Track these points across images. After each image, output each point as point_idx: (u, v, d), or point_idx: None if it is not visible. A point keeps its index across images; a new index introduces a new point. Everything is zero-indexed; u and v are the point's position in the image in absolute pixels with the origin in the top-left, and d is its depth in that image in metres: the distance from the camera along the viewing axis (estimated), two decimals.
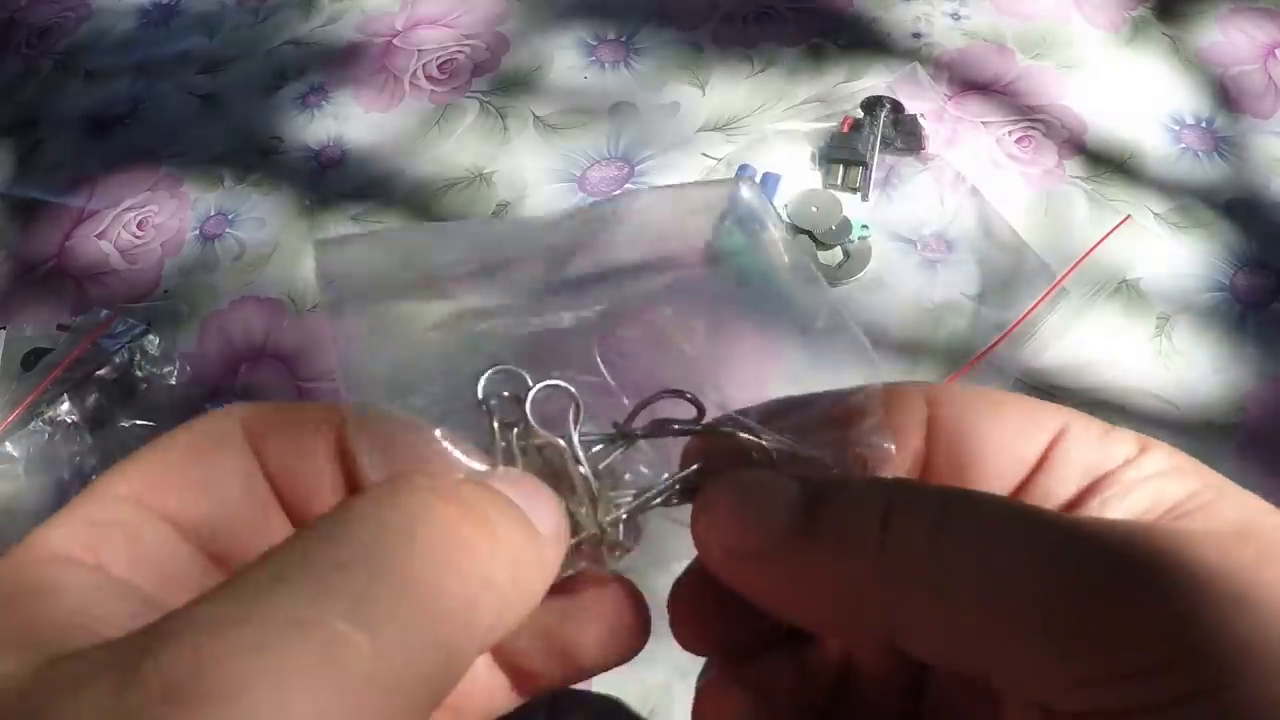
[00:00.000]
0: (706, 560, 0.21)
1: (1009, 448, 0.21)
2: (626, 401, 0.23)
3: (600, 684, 0.47)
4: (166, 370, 0.59)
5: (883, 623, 0.19)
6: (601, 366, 0.22)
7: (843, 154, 0.62)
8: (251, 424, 0.20)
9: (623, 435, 0.22)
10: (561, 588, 0.21)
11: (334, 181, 0.67)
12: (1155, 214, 0.60)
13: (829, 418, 0.21)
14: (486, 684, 0.22)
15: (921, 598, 0.18)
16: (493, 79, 0.70)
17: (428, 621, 0.15)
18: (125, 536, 0.18)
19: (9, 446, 0.56)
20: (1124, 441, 0.21)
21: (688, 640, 0.23)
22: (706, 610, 0.22)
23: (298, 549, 0.15)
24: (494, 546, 0.17)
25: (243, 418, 0.20)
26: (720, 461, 0.22)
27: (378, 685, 0.14)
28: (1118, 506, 0.20)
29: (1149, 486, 0.20)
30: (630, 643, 0.22)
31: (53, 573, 0.17)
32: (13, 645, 0.15)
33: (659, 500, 0.22)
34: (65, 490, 0.55)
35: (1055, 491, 0.21)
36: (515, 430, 0.21)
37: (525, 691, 0.23)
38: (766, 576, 0.20)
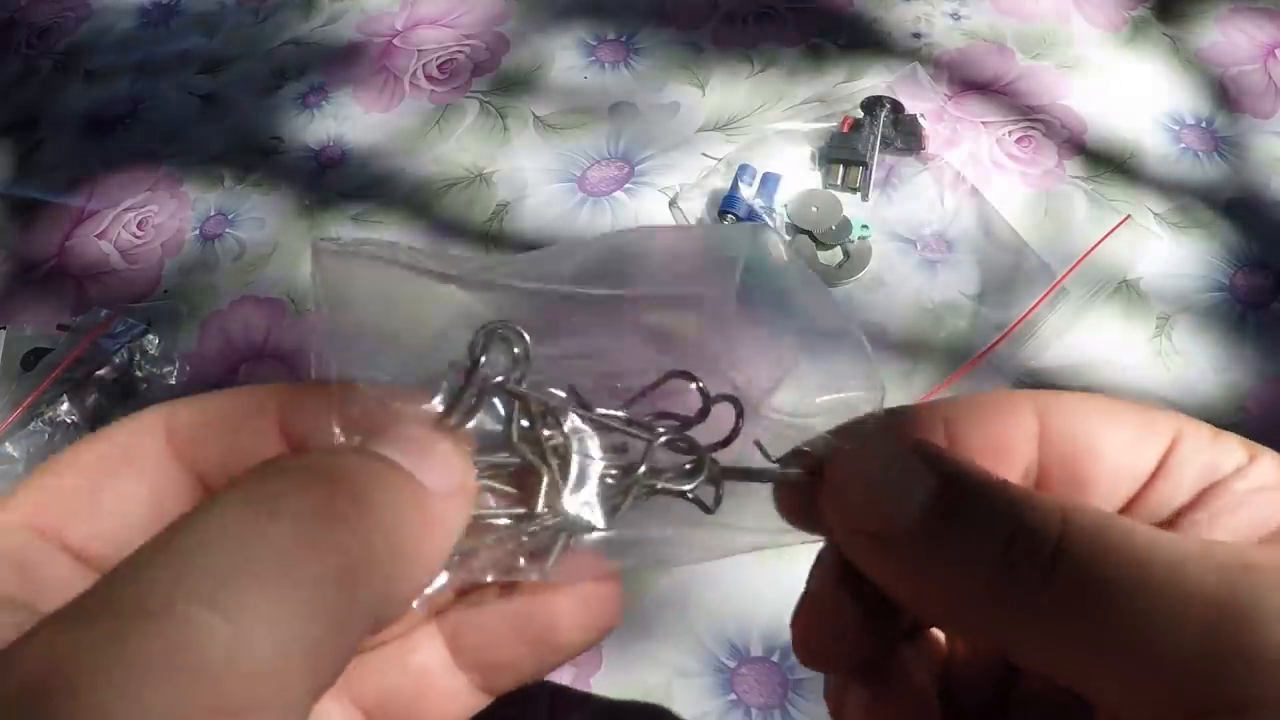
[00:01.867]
0: (835, 533, 0.21)
1: (1124, 459, 0.21)
2: (620, 386, 0.22)
3: (600, 685, 0.47)
4: (166, 370, 0.59)
5: (997, 634, 0.18)
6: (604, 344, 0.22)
7: (843, 154, 0.62)
8: (178, 425, 0.19)
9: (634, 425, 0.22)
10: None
11: (334, 181, 0.67)
12: (1155, 214, 0.60)
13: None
14: (445, 686, 0.21)
15: (1038, 618, 0.18)
16: (493, 79, 0.70)
17: (296, 601, 0.14)
18: (12, 563, 0.17)
19: (9, 447, 0.56)
20: (1233, 449, 0.21)
21: (809, 659, 0.23)
22: (828, 630, 0.22)
23: (161, 539, 0.15)
24: (369, 519, 0.16)
25: (166, 420, 0.19)
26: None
27: (241, 671, 0.13)
28: (1227, 524, 0.20)
29: (1259, 502, 0.20)
30: (606, 616, 0.21)
31: None
32: None
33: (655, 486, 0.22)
34: None
35: (1169, 500, 0.21)
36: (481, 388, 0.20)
37: (496, 688, 0.22)
38: (891, 561, 0.19)
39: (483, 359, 0.20)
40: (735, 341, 0.23)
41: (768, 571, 0.49)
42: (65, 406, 0.57)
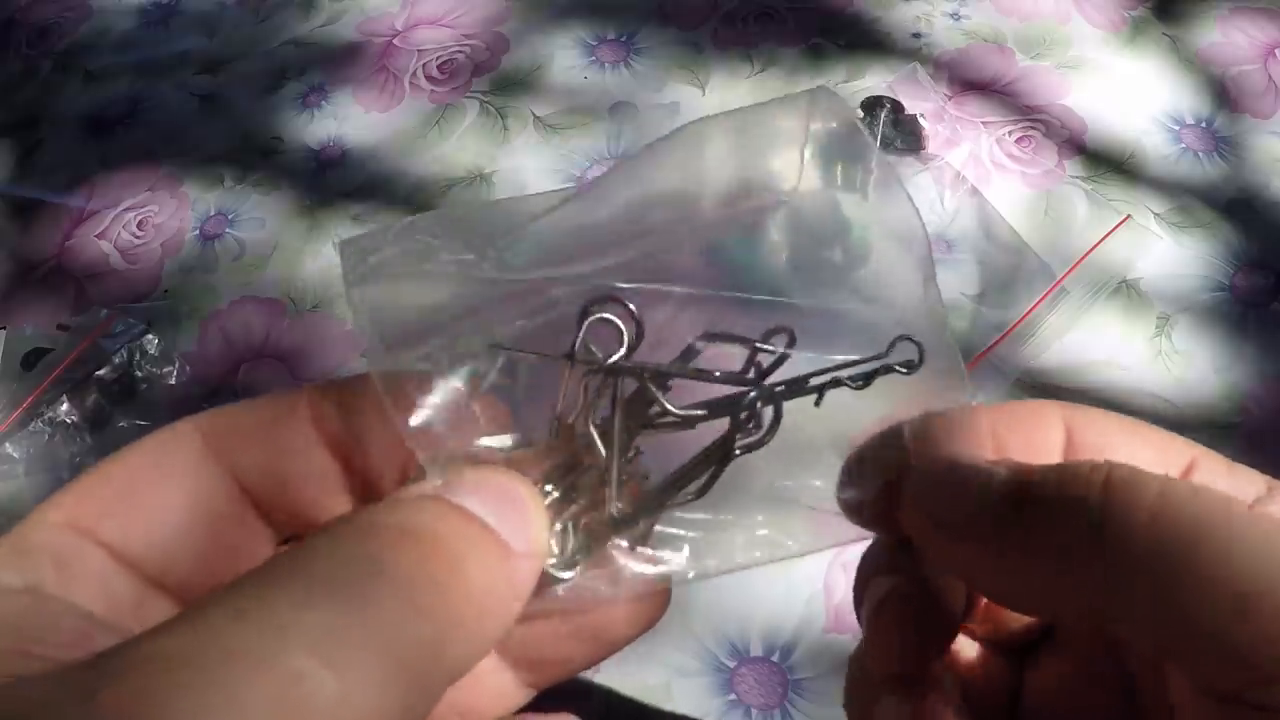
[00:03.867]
0: (914, 534, 0.21)
1: None
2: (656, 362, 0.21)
3: (599, 684, 0.47)
4: (166, 370, 0.59)
5: (1094, 605, 0.18)
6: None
7: None
8: (214, 429, 0.20)
9: (660, 373, 0.21)
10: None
11: (334, 181, 0.67)
12: (1155, 214, 0.60)
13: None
14: (492, 683, 0.21)
15: (1138, 582, 0.17)
16: (493, 79, 0.70)
17: (394, 661, 0.15)
18: (55, 561, 0.17)
19: (9, 447, 0.56)
20: (1253, 478, 0.21)
21: (882, 662, 0.22)
22: (903, 634, 0.22)
23: (260, 584, 0.15)
24: (463, 585, 0.16)
25: (202, 425, 0.20)
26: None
27: None
28: None
29: None
30: (657, 608, 0.21)
31: None
32: None
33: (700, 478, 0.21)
34: None
35: None
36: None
37: (542, 683, 0.22)
38: (975, 556, 0.19)
39: (591, 347, 0.20)
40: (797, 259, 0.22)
41: (767, 571, 0.49)
42: (65, 407, 0.57)
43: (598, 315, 0.20)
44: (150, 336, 0.60)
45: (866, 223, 0.22)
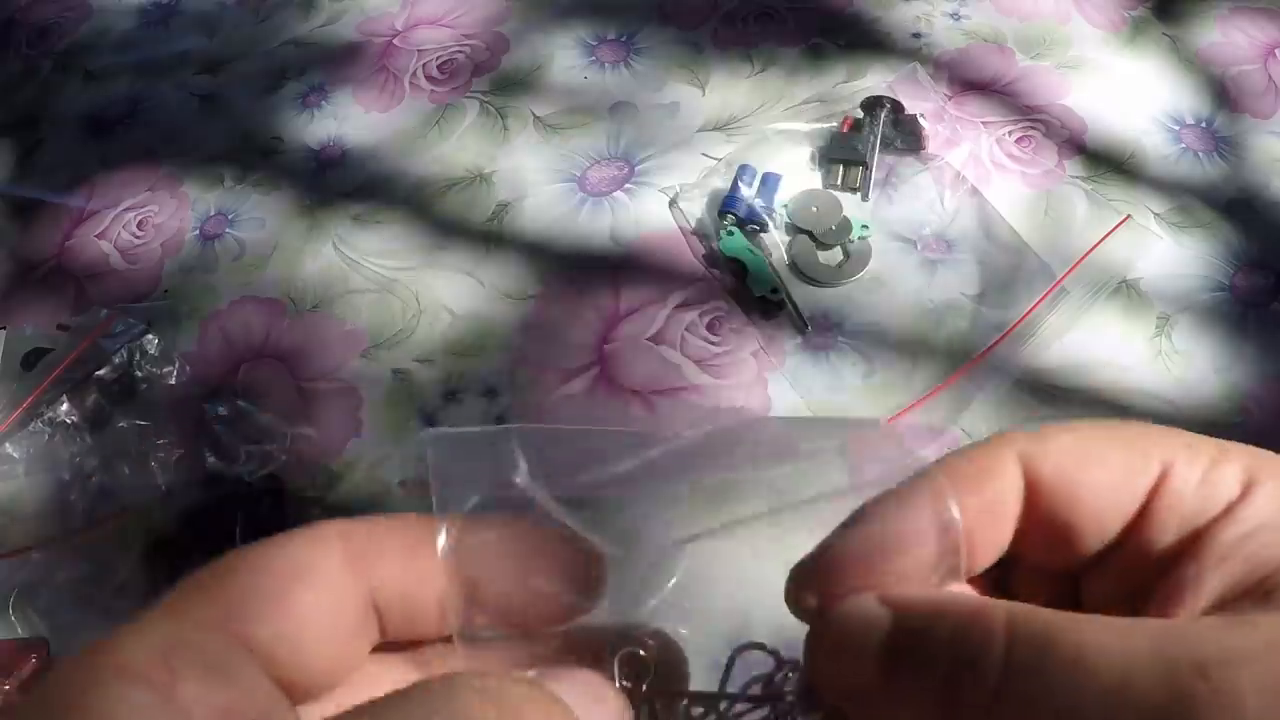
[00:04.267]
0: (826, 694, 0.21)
1: (1108, 502, 0.21)
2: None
3: None
4: (166, 370, 0.59)
5: None
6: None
7: (843, 154, 0.62)
8: (353, 540, 0.20)
9: (721, 697, 0.23)
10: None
11: (334, 181, 0.67)
12: (1155, 214, 0.60)
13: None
14: None
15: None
16: (493, 79, 0.70)
17: None
18: (200, 656, 0.17)
19: (9, 448, 0.56)
20: (1228, 478, 0.20)
21: None
22: None
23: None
24: None
25: (342, 533, 0.20)
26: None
27: None
28: (1209, 582, 0.20)
29: (1246, 551, 0.19)
30: None
31: (120, 689, 0.16)
32: None
33: None
34: (65, 490, 0.55)
35: (1153, 549, 0.20)
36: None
37: None
38: (868, 711, 0.20)
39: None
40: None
41: (764, 569, 0.49)
42: (65, 407, 0.57)
43: (626, 651, 0.22)
44: (150, 336, 0.60)
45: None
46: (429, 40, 0.73)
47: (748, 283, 0.58)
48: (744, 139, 0.65)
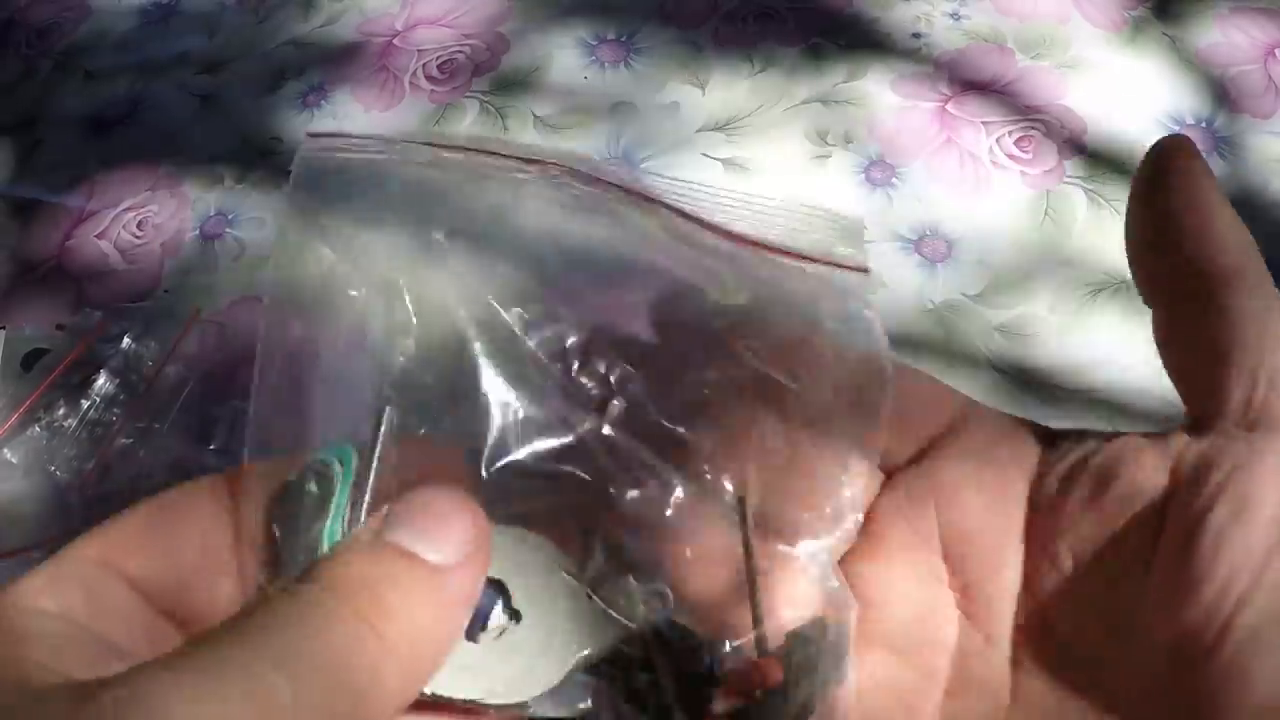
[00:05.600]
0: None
1: (992, 531, 0.22)
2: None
3: None
4: (164, 370, 0.59)
5: None
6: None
7: None
8: (226, 484, 0.22)
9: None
10: None
11: None
12: None
13: None
14: None
15: None
16: (493, 79, 0.70)
17: (337, 690, 0.17)
18: (85, 591, 0.20)
19: (7, 453, 0.56)
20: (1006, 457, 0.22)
21: None
22: None
23: (232, 629, 0.18)
24: (390, 622, 0.18)
25: (215, 480, 0.22)
26: None
27: None
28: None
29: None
30: None
31: (26, 620, 0.19)
32: None
33: None
34: (64, 493, 0.55)
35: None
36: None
37: None
38: None
39: None
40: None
41: None
42: (62, 411, 0.57)
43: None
44: (148, 338, 0.60)
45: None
46: (429, 40, 0.73)
47: None
48: (744, 139, 0.64)
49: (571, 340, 0.22)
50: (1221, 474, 0.19)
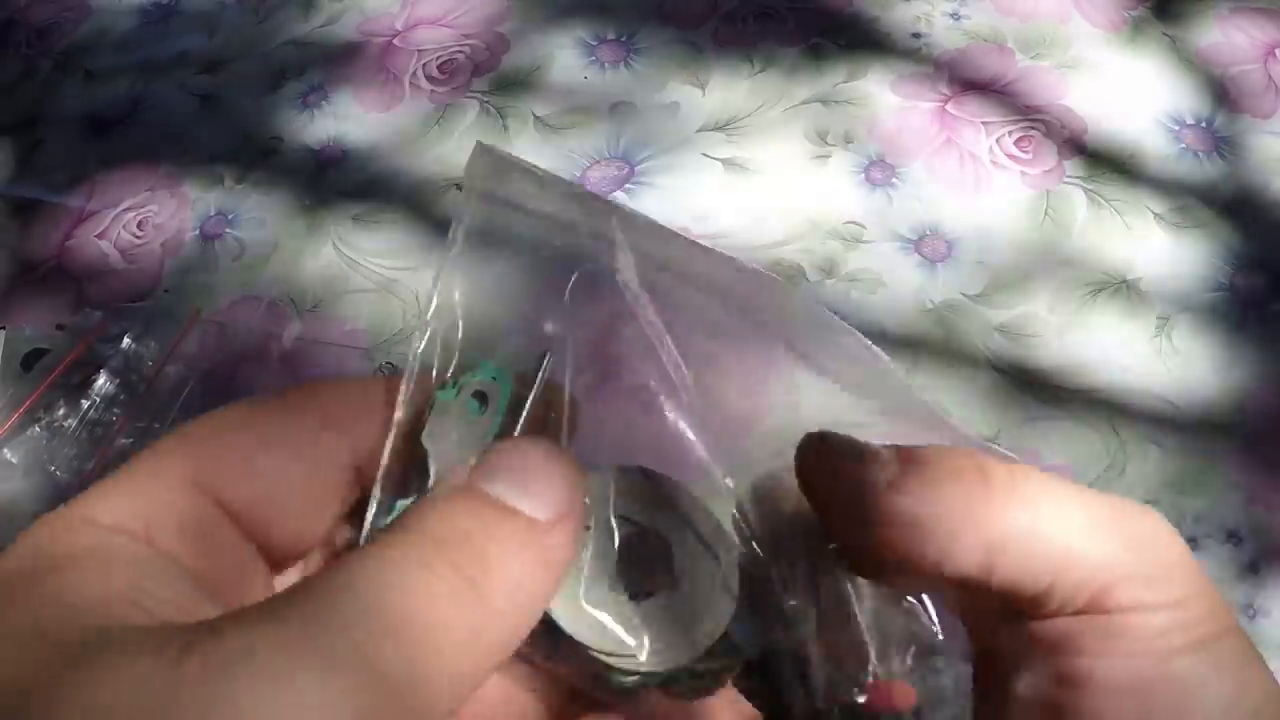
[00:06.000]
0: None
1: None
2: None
3: None
4: (164, 370, 0.59)
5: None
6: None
7: None
8: (329, 401, 0.20)
9: None
10: None
11: (334, 181, 0.67)
12: (1155, 214, 0.60)
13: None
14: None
15: None
16: (493, 79, 0.70)
17: (437, 653, 0.16)
18: (173, 514, 0.17)
19: (7, 453, 0.56)
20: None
21: None
22: None
23: (332, 584, 0.16)
24: (489, 576, 0.17)
25: (312, 395, 0.20)
26: None
27: (380, 709, 0.15)
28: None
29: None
30: None
31: (102, 540, 0.17)
32: (58, 610, 0.15)
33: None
34: (63, 492, 0.55)
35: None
36: None
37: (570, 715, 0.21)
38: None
39: None
40: None
41: None
42: (62, 411, 0.57)
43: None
44: (148, 338, 0.60)
45: None
46: (429, 40, 0.73)
47: None
48: (744, 139, 0.64)
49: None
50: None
